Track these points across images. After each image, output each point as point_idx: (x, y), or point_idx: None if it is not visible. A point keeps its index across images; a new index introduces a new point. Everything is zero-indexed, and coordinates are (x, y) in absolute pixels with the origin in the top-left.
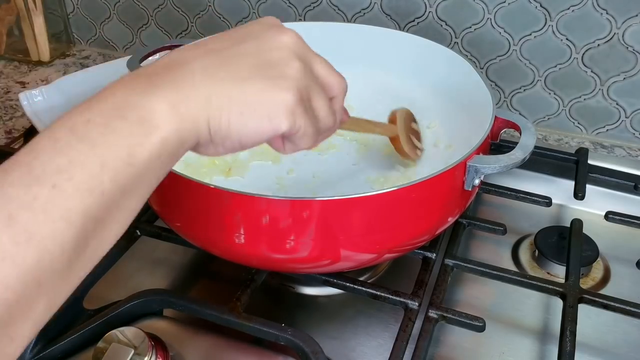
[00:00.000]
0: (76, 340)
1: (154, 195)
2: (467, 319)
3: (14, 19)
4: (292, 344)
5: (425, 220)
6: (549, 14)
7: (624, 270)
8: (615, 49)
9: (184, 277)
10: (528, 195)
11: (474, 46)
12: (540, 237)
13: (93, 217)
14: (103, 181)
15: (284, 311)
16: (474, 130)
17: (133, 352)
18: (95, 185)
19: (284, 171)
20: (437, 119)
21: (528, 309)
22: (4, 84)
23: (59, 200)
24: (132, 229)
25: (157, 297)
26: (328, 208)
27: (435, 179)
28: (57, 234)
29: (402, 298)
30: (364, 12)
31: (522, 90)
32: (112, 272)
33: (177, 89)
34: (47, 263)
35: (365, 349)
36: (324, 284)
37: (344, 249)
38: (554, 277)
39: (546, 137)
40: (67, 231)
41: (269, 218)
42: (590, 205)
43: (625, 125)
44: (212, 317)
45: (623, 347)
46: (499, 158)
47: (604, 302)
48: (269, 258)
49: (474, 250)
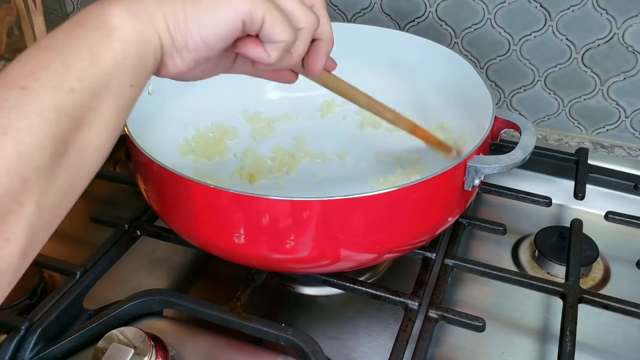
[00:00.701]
0: (76, 340)
1: (154, 195)
2: (467, 319)
3: (14, 19)
4: (292, 344)
5: (425, 220)
6: (549, 14)
7: (624, 270)
8: (615, 49)
9: (184, 277)
10: (528, 195)
11: (474, 46)
12: (540, 237)
13: (66, 114)
14: (69, 79)
15: (284, 311)
16: (474, 130)
17: (133, 352)
18: (62, 83)
19: (284, 171)
20: (436, 119)
21: (528, 309)
22: None
23: (29, 98)
24: (132, 229)
25: (157, 297)
26: (328, 208)
27: (435, 179)
28: (32, 129)
29: (402, 298)
30: (364, 12)
31: (522, 90)
32: (112, 272)
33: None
34: (27, 157)
35: (365, 349)
36: (324, 284)
37: (344, 249)
38: (554, 277)
39: (546, 137)
40: (42, 126)
41: (269, 218)
42: (590, 205)
43: (625, 125)
44: (212, 317)
45: (623, 347)
46: (499, 158)
47: (604, 302)
48: (268, 258)
49: (474, 250)
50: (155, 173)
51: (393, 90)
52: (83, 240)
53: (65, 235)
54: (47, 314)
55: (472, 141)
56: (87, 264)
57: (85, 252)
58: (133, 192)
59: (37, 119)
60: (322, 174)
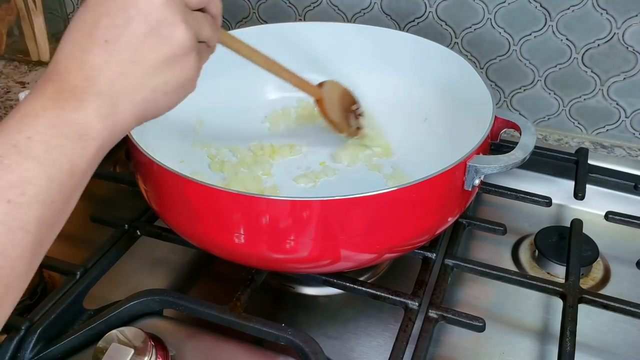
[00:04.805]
0: (76, 340)
1: (154, 195)
2: (467, 319)
3: (14, 19)
4: (292, 344)
5: (426, 220)
6: (549, 14)
7: (624, 270)
8: (615, 49)
9: (184, 277)
10: (528, 195)
11: (474, 46)
12: (540, 237)
13: (46, 224)
14: (52, 193)
15: (284, 311)
16: (474, 130)
17: (133, 352)
18: (46, 197)
19: (285, 171)
20: (437, 119)
21: (528, 309)
22: (4, 84)
23: (15, 213)
24: (132, 229)
25: (157, 297)
26: (328, 208)
27: (435, 179)
28: (17, 243)
29: (402, 298)
30: (364, 12)
31: (522, 90)
32: (112, 272)
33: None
34: (9, 269)
35: (365, 349)
36: (324, 284)
37: (344, 249)
38: (554, 277)
39: (546, 137)
40: (26, 239)
41: (269, 218)
42: (590, 205)
43: (625, 125)
44: (212, 317)
45: (623, 347)
46: (499, 158)
47: (604, 302)
48: (269, 258)
49: (474, 250)
50: (155, 173)
51: (393, 90)
52: (83, 240)
53: (65, 235)
54: (47, 314)
55: (472, 141)
56: (87, 264)
57: (85, 252)
58: (133, 192)
59: (21, 233)
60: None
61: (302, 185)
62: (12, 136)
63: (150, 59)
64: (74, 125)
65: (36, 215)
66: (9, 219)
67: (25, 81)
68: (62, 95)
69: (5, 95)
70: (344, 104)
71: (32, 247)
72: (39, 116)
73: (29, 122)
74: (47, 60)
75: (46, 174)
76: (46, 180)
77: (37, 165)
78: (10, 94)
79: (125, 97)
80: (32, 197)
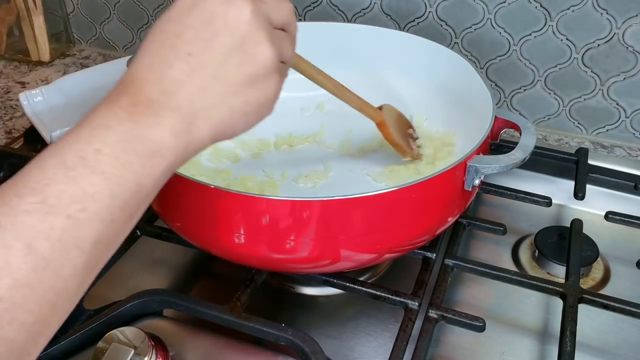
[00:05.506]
0: (76, 340)
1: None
2: (467, 319)
3: (14, 19)
4: (292, 344)
5: (425, 220)
6: (549, 14)
7: (624, 270)
8: (615, 49)
9: (184, 277)
10: (528, 195)
11: (474, 46)
12: (540, 237)
13: (103, 244)
14: (113, 211)
15: (284, 311)
16: (474, 130)
17: (133, 352)
18: (106, 215)
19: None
20: (437, 119)
21: (528, 309)
22: (4, 84)
23: (73, 230)
24: (132, 229)
25: (157, 297)
26: (328, 208)
27: (435, 179)
28: (71, 262)
29: (402, 298)
30: (364, 12)
31: (522, 90)
32: (112, 272)
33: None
34: (61, 288)
35: (365, 349)
36: (324, 284)
37: (344, 249)
38: (554, 277)
39: (546, 137)
40: (80, 258)
41: (269, 218)
42: (590, 205)
43: (625, 125)
44: (212, 317)
45: (623, 347)
46: (499, 158)
47: (604, 302)
48: (269, 258)
49: (474, 250)
50: None
51: (393, 90)
52: None
53: None
54: None
55: (472, 141)
56: None
57: None
58: None
59: (76, 251)
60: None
61: (302, 185)
62: (80, 147)
63: (233, 76)
64: (146, 142)
65: (94, 234)
66: (66, 235)
67: (25, 81)
68: (137, 109)
69: (5, 96)
70: (401, 128)
71: (84, 266)
72: (112, 129)
73: (100, 135)
74: (47, 60)
75: (110, 190)
76: (109, 197)
77: (102, 181)
78: (10, 94)
79: (204, 115)
80: (93, 214)
